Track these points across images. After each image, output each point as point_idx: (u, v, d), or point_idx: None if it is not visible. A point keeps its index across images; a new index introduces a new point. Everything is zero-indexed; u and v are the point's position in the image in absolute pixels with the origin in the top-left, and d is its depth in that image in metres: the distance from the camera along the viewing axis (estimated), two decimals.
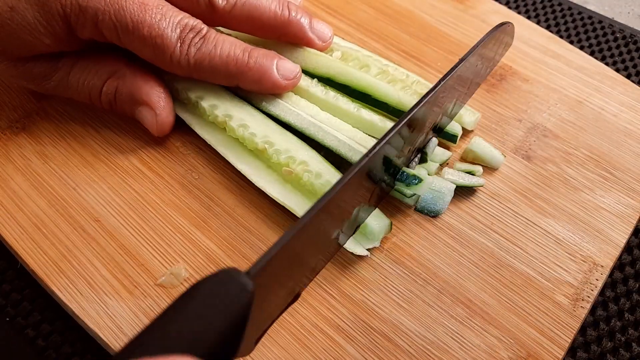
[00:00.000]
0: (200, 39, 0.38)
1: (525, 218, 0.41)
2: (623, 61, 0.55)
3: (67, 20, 0.36)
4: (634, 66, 0.55)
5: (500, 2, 0.59)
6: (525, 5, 0.61)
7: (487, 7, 0.54)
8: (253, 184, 0.40)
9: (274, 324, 0.35)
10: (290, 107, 0.41)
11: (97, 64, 0.40)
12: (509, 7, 0.59)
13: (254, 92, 0.42)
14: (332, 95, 0.43)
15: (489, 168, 0.43)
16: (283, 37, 0.43)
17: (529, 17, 0.59)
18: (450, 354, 0.35)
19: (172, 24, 0.37)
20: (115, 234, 0.39)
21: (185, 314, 0.20)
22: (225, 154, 0.41)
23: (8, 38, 0.36)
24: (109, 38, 0.37)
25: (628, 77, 0.53)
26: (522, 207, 0.41)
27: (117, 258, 0.38)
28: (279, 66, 0.40)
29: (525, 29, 0.53)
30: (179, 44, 0.37)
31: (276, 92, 0.41)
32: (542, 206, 0.41)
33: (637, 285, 0.41)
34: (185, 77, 0.41)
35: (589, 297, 0.37)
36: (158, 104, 0.40)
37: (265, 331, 0.31)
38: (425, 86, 0.44)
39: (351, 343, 0.35)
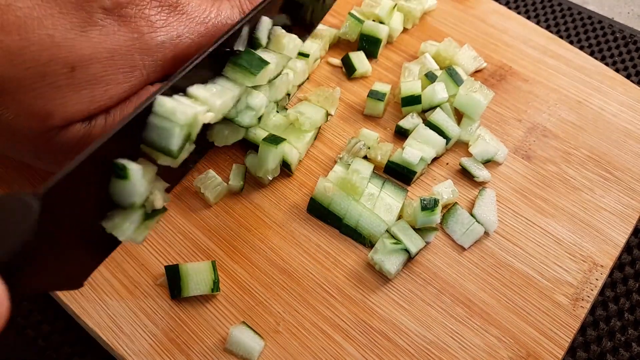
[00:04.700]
0: None
1: (525, 218, 0.41)
2: (623, 61, 0.55)
3: (151, 71, 0.35)
4: (634, 66, 0.55)
5: (500, 2, 0.59)
6: (525, 5, 0.61)
7: (486, 7, 0.54)
8: None
9: (276, 323, 0.36)
10: None
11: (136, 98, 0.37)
12: (509, 7, 0.60)
13: None
14: None
15: (490, 165, 0.43)
16: None
17: (528, 17, 0.59)
18: (450, 354, 0.35)
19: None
20: None
21: None
22: None
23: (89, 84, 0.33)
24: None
25: (628, 77, 0.53)
26: (521, 207, 0.41)
27: (118, 258, 0.38)
28: None
29: (525, 29, 0.53)
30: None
31: None
32: (542, 206, 0.41)
33: (637, 285, 0.41)
34: None
35: (588, 296, 0.37)
36: None
37: (92, 270, 0.30)
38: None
39: (350, 342, 0.35)
